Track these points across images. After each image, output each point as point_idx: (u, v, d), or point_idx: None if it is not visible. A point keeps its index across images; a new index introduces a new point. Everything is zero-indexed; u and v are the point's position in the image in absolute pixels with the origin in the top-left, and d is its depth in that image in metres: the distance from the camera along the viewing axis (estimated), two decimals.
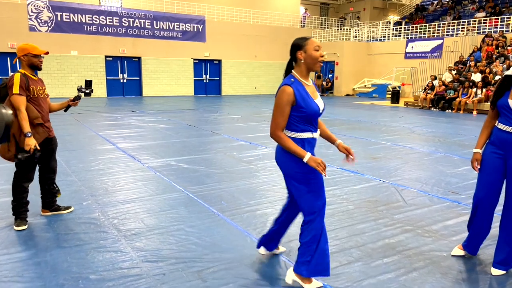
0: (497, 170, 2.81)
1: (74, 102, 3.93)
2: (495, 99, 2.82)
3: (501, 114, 2.79)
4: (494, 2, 21.73)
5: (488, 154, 2.87)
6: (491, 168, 2.84)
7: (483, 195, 2.90)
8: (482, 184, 2.91)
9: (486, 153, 2.89)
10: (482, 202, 2.91)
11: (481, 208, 2.92)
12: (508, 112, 2.72)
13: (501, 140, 2.78)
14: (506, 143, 2.74)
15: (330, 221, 3.83)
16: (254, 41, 23.21)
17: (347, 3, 30.24)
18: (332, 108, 16.04)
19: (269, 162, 6.27)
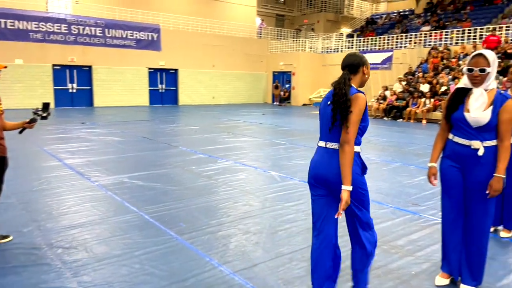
0: (458, 183, 2.79)
1: (30, 125, 3.57)
2: (448, 112, 2.79)
3: (456, 127, 2.76)
4: (438, 17, 23.01)
5: (447, 168, 2.83)
6: (453, 183, 2.80)
7: (451, 212, 2.85)
8: (447, 200, 2.86)
9: (444, 167, 2.85)
10: (451, 218, 2.85)
11: (452, 225, 2.86)
12: (464, 125, 2.70)
13: (457, 154, 2.75)
14: (463, 156, 2.72)
15: (296, 240, 3.66)
16: (212, 51, 23.00)
17: (302, 15, 30.86)
18: (290, 118, 16.12)
19: (230, 176, 6.05)
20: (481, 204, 2.70)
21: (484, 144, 2.65)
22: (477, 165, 2.67)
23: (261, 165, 6.89)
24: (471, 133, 2.68)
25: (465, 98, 2.73)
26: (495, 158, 2.64)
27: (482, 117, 2.61)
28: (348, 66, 2.45)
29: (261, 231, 3.86)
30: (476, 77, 2.64)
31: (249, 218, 4.21)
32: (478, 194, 2.69)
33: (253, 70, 25.09)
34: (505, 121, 2.60)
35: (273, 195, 5.11)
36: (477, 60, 2.64)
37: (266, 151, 8.39)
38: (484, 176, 2.65)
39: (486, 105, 2.62)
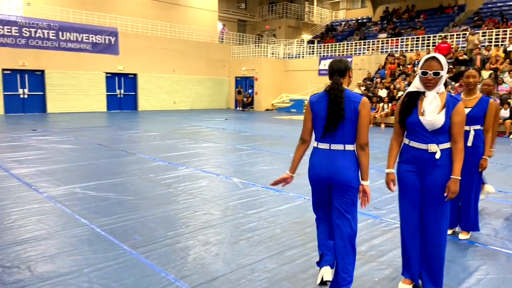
0: (416, 188, 2.77)
1: None
2: (403, 117, 2.76)
3: (412, 131, 2.73)
4: (394, 25, 23.86)
5: (404, 172, 2.80)
6: (411, 187, 2.77)
7: (410, 217, 2.82)
8: (405, 205, 2.83)
9: (401, 172, 2.82)
10: (410, 223, 2.82)
11: (411, 230, 2.83)
12: (420, 129, 2.68)
13: (414, 158, 2.73)
14: (421, 160, 2.70)
15: (258, 250, 3.53)
16: (172, 55, 22.58)
17: (263, 21, 31.05)
18: (253, 123, 16.05)
19: (190, 184, 5.84)
20: (439, 206, 2.70)
21: (440, 147, 2.65)
22: (435, 168, 2.67)
23: (223, 172, 6.72)
24: (427, 136, 2.67)
25: (418, 101, 2.72)
26: (451, 161, 2.66)
27: (437, 120, 2.61)
28: (337, 71, 2.67)
29: (221, 241, 3.70)
30: (430, 80, 2.62)
31: (209, 228, 4.03)
32: (436, 197, 2.68)
33: (215, 75, 24.90)
34: (457, 123, 2.61)
35: (235, 202, 4.96)
36: (430, 63, 2.62)
37: (228, 157, 8.23)
38: (441, 179, 2.65)
39: (439, 108, 2.63)
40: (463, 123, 2.63)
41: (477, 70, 3.93)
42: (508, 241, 3.86)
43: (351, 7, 31.84)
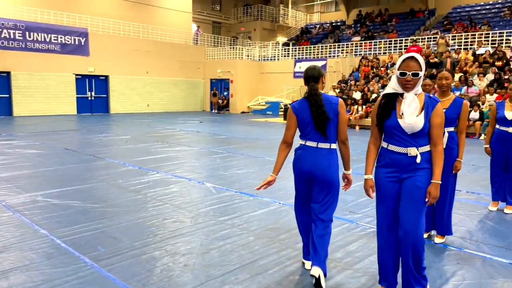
0: (394, 194, 2.64)
1: None
2: (381, 120, 2.63)
3: (390, 134, 2.61)
4: (367, 28, 24.21)
5: (383, 178, 2.67)
6: (389, 193, 2.65)
7: (387, 223, 2.70)
8: (383, 212, 2.71)
9: (379, 177, 2.69)
10: (388, 230, 2.71)
11: (388, 237, 2.71)
12: (399, 132, 2.56)
13: (393, 162, 2.62)
14: (400, 164, 2.59)
15: (230, 259, 3.35)
16: (145, 57, 22.12)
17: (239, 23, 30.91)
18: (229, 126, 15.86)
19: (161, 189, 5.60)
20: (416, 209, 2.58)
21: (419, 150, 2.55)
22: (415, 173, 2.56)
23: (195, 176, 6.51)
24: (407, 140, 2.56)
25: (396, 103, 2.60)
26: (430, 164, 2.57)
27: (416, 122, 2.50)
28: (312, 78, 2.98)
29: (191, 251, 3.50)
30: (409, 82, 2.49)
31: (178, 237, 3.83)
32: (415, 200, 2.56)
33: (190, 77, 24.56)
34: (437, 125, 2.53)
35: (207, 209, 4.76)
36: (408, 63, 2.49)
37: (202, 161, 8.02)
38: (422, 181, 2.55)
39: (418, 110, 2.52)
40: (442, 125, 2.55)
41: (450, 72, 3.90)
42: (482, 244, 3.83)
43: (325, 10, 32.15)
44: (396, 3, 26.91)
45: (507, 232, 4.19)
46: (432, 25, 22.87)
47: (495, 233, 4.16)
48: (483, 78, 14.62)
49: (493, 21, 19.62)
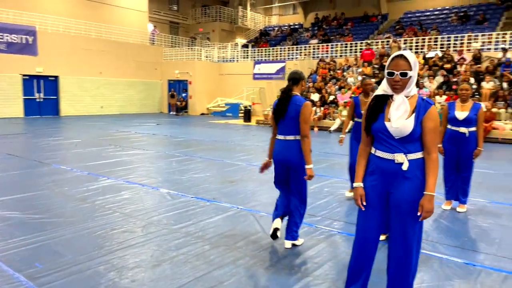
0: (378, 204, 2.46)
1: None
2: (368, 123, 2.45)
3: (378, 139, 2.43)
4: (324, 31, 24.63)
5: (368, 187, 2.49)
6: (374, 202, 2.46)
7: (365, 235, 2.52)
8: (363, 221, 2.53)
9: (366, 185, 2.50)
10: (365, 241, 2.52)
11: (364, 248, 2.53)
12: (386, 137, 2.38)
13: (380, 169, 2.42)
14: (387, 172, 2.39)
15: (183, 271, 3.13)
16: (98, 57, 21.20)
17: (197, 23, 30.45)
18: (187, 128, 15.49)
19: (111, 196, 5.25)
20: (408, 225, 2.36)
21: (408, 157, 2.33)
22: (403, 182, 2.34)
23: (149, 182, 6.19)
24: (394, 145, 2.35)
25: (385, 106, 2.40)
26: (421, 173, 2.33)
27: (405, 126, 2.29)
28: (292, 79, 3.64)
29: (140, 264, 3.24)
30: (397, 82, 2.30)
31: (127, 249, 3.55)
32: (404, 214, 2.36)
33: (146, 78, 23.84)
34: (430, 130, 2.30)
35: (160, 217, 4.50)
36: (397, 62, 2.30)
37: (157, 165, 7.69)
38: (411, 194, 2.33)
39: (408, 113, 2.31)
40: (436, 130, 2.33)
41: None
42: (439, 244, 3.86)
43: (284, 13, 32.41)
44: (351, 7, 27.59)
45: (460, 231, 4.27)
46: (385, 29, 23.63)
47: (450, 232, 4.22)
48: (433, 81, 15.23)
49: (441, 26, 20.56)
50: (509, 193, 5.92)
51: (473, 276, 3.18)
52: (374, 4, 26.24)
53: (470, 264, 3.41)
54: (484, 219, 4.70)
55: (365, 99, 4.93)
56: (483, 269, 3.32)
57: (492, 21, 19.50)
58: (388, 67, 2.34)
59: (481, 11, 20.69)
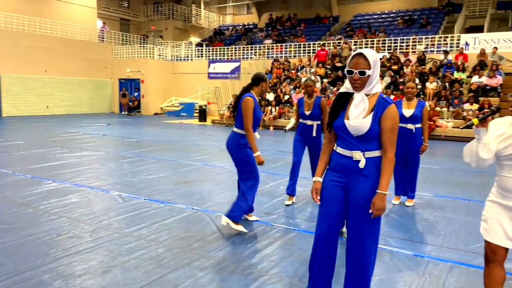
0: (338, 200, 2.46)
1: None
2: (330, 120, 2.47)
3: (339, 136, 2.46)
4: (278, 32, 24.92)
5: (328, 182, 2.50)
6: (333, 198, 2.47)
7: (325, 230, 2.50)
8: (323, 217, 2.52)
9: (325, 180, 2.52)
10: (324, 236, 2.51)
11: (324, 245, 2.52)
12: (345, 134, 2.40)
13: (340, 166, 2.44)
14: (346, 169, 2.41)
15: (135, 276, 3.00)
16: (44, 54, 20.04)
17: (149, 21, 29.67)
18: (140, 128, 15.04)
19: (57, 201, 4.96)
20: (364, 222, 2.38)
21: (366, 155, 2.35)
22: (361, 179, 2.37)
23: (99, 184, 5.92)
24: (352, 142, 2.38)
25: (347, 104, 2.42)
26: (378, 171, 2.36)
27: (362, 124, 2.31)
28: (253, 80, 4.09)
29: (89, 271, 3.07)
30: (356, 81, 2.31)
31: (75, 255, 3.35)
32: (362, 212, 2.37)
33: (96, 77, 22.89)
34: (387, 129, 2.30)
35: (110, 220, 4.30)
36: (356, 60, 2.31)
37: (108, 167, 7.38)
38: (368, 191, 2.35)
39: (366, 111, 2.34)
40: (394, 129, 2.32)
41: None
42: (389, 237, 4.00)
43: (238, 12, 32.42)
44: (304, 9, 28.13)
45: (409, 225, 4.45)
46: (337, 31, 24.32)
47: (400, 226, 4.39)
48: (381, 81, 15.87)
49: (388, 29, 21.50)
50: (452, 187, 6.28)
51: (421, 267, 3.32)
52: (326, 6, 26.94)
53: (418, 256, 3.56)
54: (430, 212, 4.94)
55: (308, 100, 5.05)
56: (430, 260, 3.48)
57: (435, 25, 20.69)
58: (348, 65, 2.36)
59: (425, 15, 21.88)
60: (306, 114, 5.01)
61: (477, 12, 21.13)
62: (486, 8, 20.74)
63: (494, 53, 15.22)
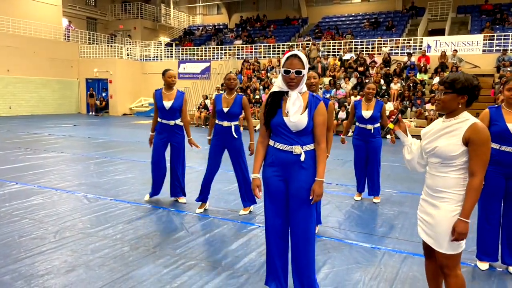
0: (282, 193, 2.62)
1: None
2: (267, 118, 2.60)
3: (276, 132, 2.60)
4: (248, 32, 25.05)
5: (270, 177, 2.64)
6: (277, 192, 2.62)
7: (275, 222, 2.65)
8: (271, 211, 2.66)
9: (266, 176, 2.66)
10: (276, 230, 2.66)
11: (276, 236, 2.67)
12: (285, 130, 2.55)
13: (279, 160, 2.59)
14: (286, 163, 2.57)
15: (99, 275, 3.03)
16: (6, 53, 19.30)
17: (117, 20, 29.12)
18: (108, 129, 14.77)
19: (19, 203, 4.86)
20: (305, 210, 2.56)
21: (304, 148, 2.53)
22: (300, 171, 2.54)
23: (64, 186, 5.83)
24: (292, 138, 2.54)
25: (282, 102, 2.58)
26: (314, 162, 2.56)
27: (300, 120, 2.49)
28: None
29: (51, 271, 3.07)
30: (292, 80, 2.47)
31: (37, 256, 3.33)
32: (302, 200, 2.54)
33: (62, 77, 22.26)
34: (319, 124, 2.53)
35: (75, 221, 4.27)
36: (292, 61, 2.48)
37: (73, 168, 7.25)
38: (307, 181, 2.54)
39: (302, 108, 2.52)
40: (325, 123, 2.57)
41: (317, 72, 4.18)
42: (349, 231, 4.18)
43: (208, 12, 32.35)
44: (273, 10, 28.42)
45: (369, 220, 4.66)
46: (306, 32, 24.72)
47: (360, 221, 4.59)
48: (348, 82, 16.29)
49: (355, 31, 22.06)
50: (412, 183, 6.58)
51: (378, 258, 3.51)
52: (295, 8, 27.32)
53: (376, 248, 3.75)
54: (390, 207, 5.17)
55: (228, 96, 4.63)
56: (386, 251, 3.68)
57: (399, 28, 21.40)
58: (284, 66, 2.51)
59: (390, 18, 22.59)
60: (225, 112, 4.54)
61: (439, 15, 22.02)
62: (447, 12, 21.65)
63: (454, 55, 15.94)
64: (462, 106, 2.17)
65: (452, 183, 2.14)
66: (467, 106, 2.19)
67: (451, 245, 2.14)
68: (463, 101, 2.16)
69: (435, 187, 2.21)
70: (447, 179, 2.16)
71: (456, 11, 22.24)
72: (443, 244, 2.16)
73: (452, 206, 2.13)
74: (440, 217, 2.16)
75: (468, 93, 2.14)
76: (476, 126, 2.09)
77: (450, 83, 2.15)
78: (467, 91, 2.14)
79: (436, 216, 2.17)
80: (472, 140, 2.08)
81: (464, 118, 2.15)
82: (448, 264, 2.18)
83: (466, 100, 2.16)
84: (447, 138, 2.15)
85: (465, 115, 2.16)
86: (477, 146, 2.07)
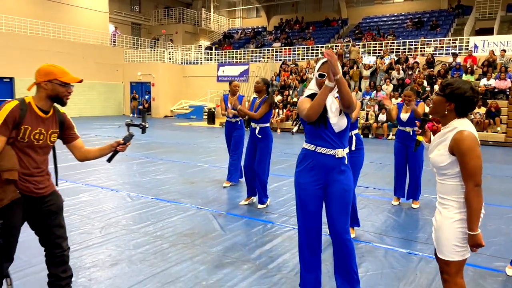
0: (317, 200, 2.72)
1: (124, 146, 2.60)
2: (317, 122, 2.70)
3: (320, 136, 2.68)
4: (287, 35, 25.10)
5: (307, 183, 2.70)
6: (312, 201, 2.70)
7: (306, 228, 2.73)
8: (304, 216, 2.73)
9: (304, 182, 2.71)
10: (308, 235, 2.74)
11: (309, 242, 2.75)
12: (329, 132, 2.64)
13: (321, 165, 2.64)
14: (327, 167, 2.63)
15: (140, 269, 3.20)
16: (57, 58, 20.48)
17: (160, 25, 30.13)
18: (150, 130, 15.31)
19: (69, 199, 5.19)
20: (345, 212, 2.65)
21: (344, 151, 2.61)
22: (340, 174, 2.61)
23: (109, 184, 6.16)
24: (335, 141, 2.58)
25: None
26: (349, 164, 2.67)
27: (341, 120, 2.57)
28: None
29: (97, 264, 3.28)
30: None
31: (84, 250, 3.57)
32: (343, 201, 2.62)
33: (107, 80, 23.33)
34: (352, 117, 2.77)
35: (119, 218, 4.52)
36: (326, 65, 2.53)
37: (118, 168, 7.63)
38: (349, 184, 2.64)
39: (339, 110, 2.58)
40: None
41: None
42: (385, 236, 4.13)
43: (247, 16, 32.73)
44: (312, 12, 28.29)
45: (406, 225, 4.57)
46: (345, 33, 24.41)
47: (397, 225, 4.52)
48: (389, 83, 15.92)
49: (397, 31, 21.51)
50: None
51: (413, 264, 3.45)
52: (335, 9, 27.04)
53: (412, 254, 3.69)
54: (429, 213, 5.04)
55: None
56: (423, 257, 3.61)
57: (444, 27, 20.63)
58: (319, 70, 2.59)
59: (434, 18, 21.83)
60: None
61: (487, 14, 21.03)
62: (496, 11, 20.63)
63: (502, 55, 15.17)
64: (450, 113, 2.11)
65: (450, 190, 2.11)
66: (460, 116, 2.10)
67: (451, 252, 2.10)
68: (450, 108, 2.09)
69: (439, 193, 2.19)
70: (446, 186, 2.13)
71: (506, 10, 21.12)
72: (443, 250, 2.13)
73: (451, 213, 2.09)
74: (440, 223, 2.14)
75: (456, 101, 2.07)
76: (458, 136, 2.02)
77: (444, 86, 2.11)
78: (455, 99, 2.06)
79: (438, 221, 2.16)
80: (455, 150, 2.03)
81: (453, 127, 2.08)
82: (448, 271, 2.15)
83: (455, 109, 2.08)
84: (439, 148, 2.13)
85: (455, 123, 2.09)
86: (459, 156, 2.02)
